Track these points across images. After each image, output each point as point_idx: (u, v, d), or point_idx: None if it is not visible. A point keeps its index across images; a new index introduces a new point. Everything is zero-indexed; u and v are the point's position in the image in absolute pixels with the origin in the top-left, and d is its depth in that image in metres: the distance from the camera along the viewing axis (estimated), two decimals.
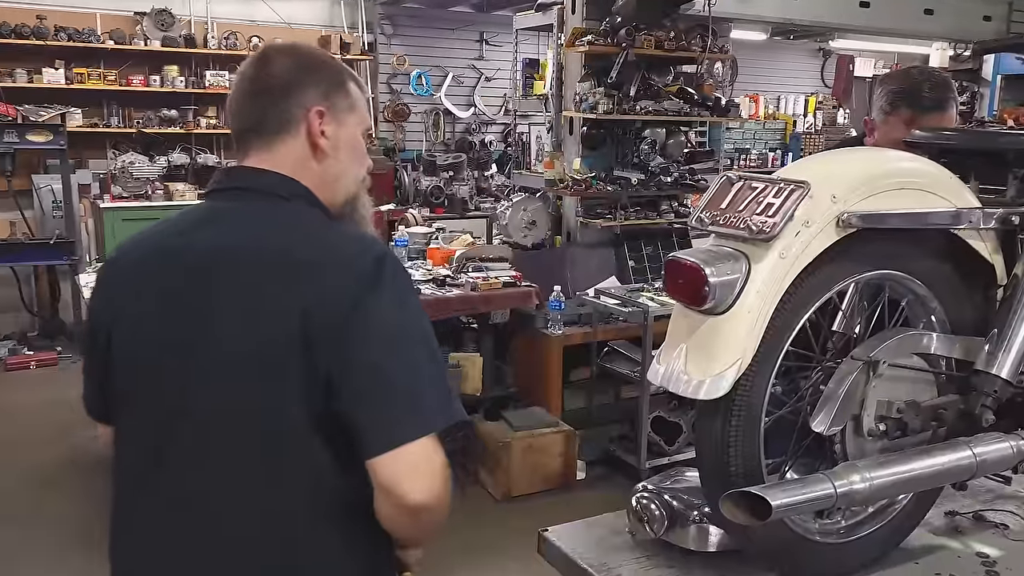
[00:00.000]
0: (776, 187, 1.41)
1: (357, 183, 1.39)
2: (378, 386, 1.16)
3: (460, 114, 8.53)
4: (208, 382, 1.21)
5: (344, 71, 1.37)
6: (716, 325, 1.39)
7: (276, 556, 1.22)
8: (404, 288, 1.23)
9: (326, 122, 1.30)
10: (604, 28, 4.70)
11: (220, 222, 1.28)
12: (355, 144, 1.36)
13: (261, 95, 1.30)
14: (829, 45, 9.67)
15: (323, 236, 1.26)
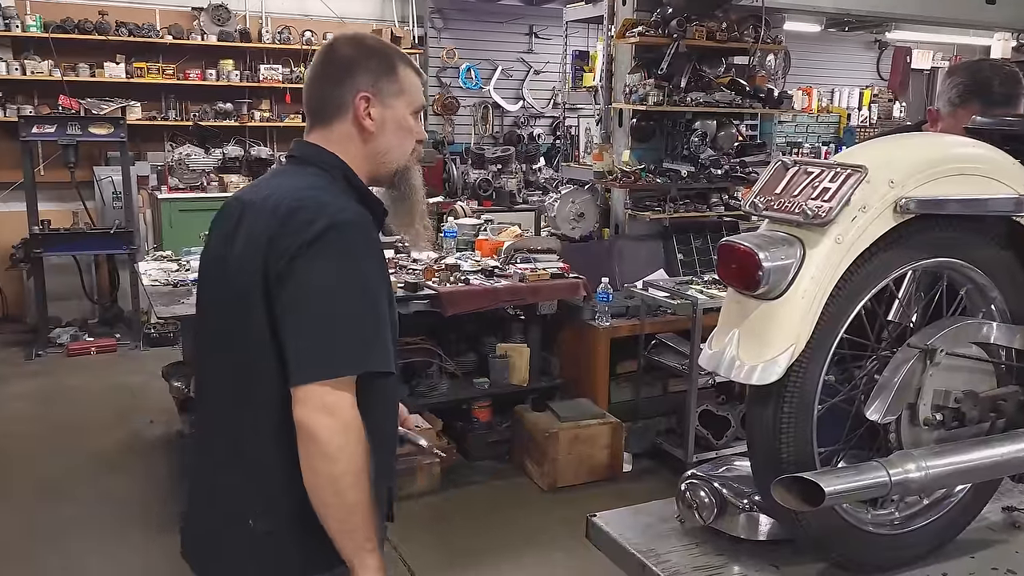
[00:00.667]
0: (832, 171, 1.39)
1: (405, 157, 1.56)
2: (298, 331, 1.36)
3: (509, 107, 8.55)
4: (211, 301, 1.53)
5: (395, 58, 1.53)
6: (769, 310, 1.38)
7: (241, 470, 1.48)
8: (339, 254, 1.38)
9: (372, 105, 1.49)
10: (655, 19, 4.66)
11: (265, 181, 1.57)
12: (401, 124, 1.53)
13: (321, 82, 1.52)
14: (885, 37, 9.45)
15: (308, 199, 1.42)
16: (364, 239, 1.43)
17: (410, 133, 1.55)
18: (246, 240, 1.43)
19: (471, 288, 3.98)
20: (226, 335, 1.47)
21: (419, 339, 4.12)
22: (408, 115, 1.54)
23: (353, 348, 1.36)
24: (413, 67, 1.56)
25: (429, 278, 4.05)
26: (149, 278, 4.02)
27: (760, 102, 4.87)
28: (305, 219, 1.37)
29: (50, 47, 6.50)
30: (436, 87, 8.28)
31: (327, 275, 1.36)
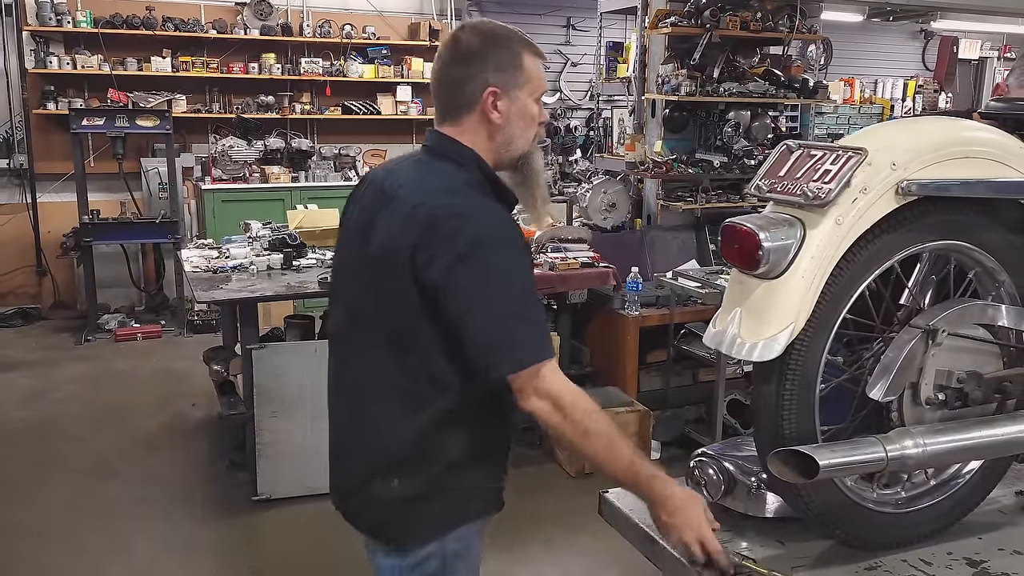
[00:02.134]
0: (834, 154, 1.43)
1: (528, 143, 1.63)
2: (477, 333, 1.47)
3: (545, 99, 8.54)
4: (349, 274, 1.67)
5: (518, 46, 1.59)
6: (770, 289, 1.42)
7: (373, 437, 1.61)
8: (496, 258, 1.48)
9: (499, 98, 1.56)
10: (688, 9, 4.66)
11: (402, 167, 1.66)
12: (525, 113, 1.60)
13: (450, 76, 1.59)
14: (931, 26, 9.27)
15: (449, 207, 1.50)
16: (510, 238, 1.52)
17: (533, 120, 1.62)
18: (388, 235, 1.53)
19: None
20: (362, 314, 1.61)
21: None
22: (531, 103, 1.60)
23: (534, 338, 1.48)
24: (537, 52, 1.62)
25: None
26: (190, 264, 4.16)
27: (795, 92, 4.84)
28: (451, 229, 1.47)
29: (99, 42, 6.72)
30: None
31: (488, 279, 1.46)
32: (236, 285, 3.84)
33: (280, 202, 6.70)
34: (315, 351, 3.82)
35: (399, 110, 7.86)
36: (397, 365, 1.55)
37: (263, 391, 3.72)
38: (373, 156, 8.04)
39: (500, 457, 1.70)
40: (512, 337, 1.47)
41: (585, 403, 1.49)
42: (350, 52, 7.62)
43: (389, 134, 8.04)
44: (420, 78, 7.84)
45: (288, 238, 4.36)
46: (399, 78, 7.78)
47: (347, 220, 1.70)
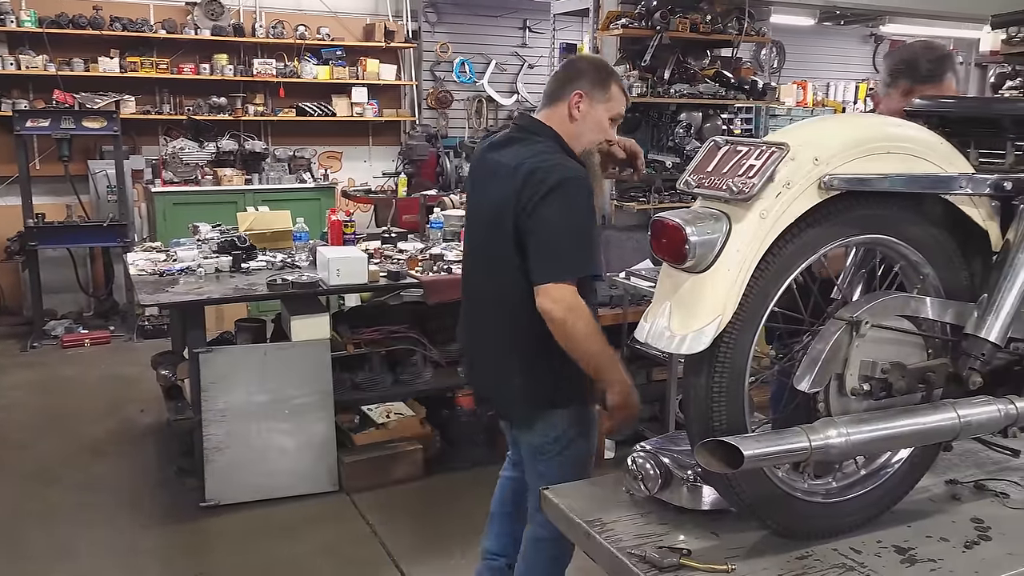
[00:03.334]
0: (758, 150, 1.45)
1: (592, 144, 2.22)
2: (537, 250, 2.11)
3: (503, 101, 8.60)
4: (474, 230, 2.39)
5: (611, 77, 2.24)
6: (697, 282, 1.44)
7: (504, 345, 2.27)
8: (567, 199, 2.08)
9: (582, 101, 2.19)
10: (639, 11, 4.71)
11: (506, 146, 2.24)
12: (598, 122, 2.21)
13: (559, 77, 2.27)
14: (880, 30, 9.46)
15: (542, 162, 2.11)
16: (581, 187, 2.10)
17: (603, 132, 2.22)
18: (499, 193, 2.14)
19: (454, 276, 4.03)
20: (484, 260, 2.29)
21: (403, 328, 4.18)
22: (605, 118, 2.21)
23: (574, 260, 2.10)
24: (622, 88, 2.25)
25: (412, 267, 4.11)
26: (136, 267, 4.08)
27: (744, 94, 4.91)
28: (541, 178, 2.08)
29: (44, 42, 6.58)
30: (430, 81, 8.34)
31: (558, 213, 2.06)
32: (183, 288, 3.78)
33: (233, 204, 6.61)
34: (264, 355, 3.79)
35: (354, 112, 7.81)
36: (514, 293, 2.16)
37: (211, 395, 3.67)
38: (328, 158, 8.00)
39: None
40: (553, 257, 2.08)
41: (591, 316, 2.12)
42: (304, 53, 7.56)
43: (345, 136, 7.99)
44: (375, 79, 7.80)
45: (237, 240, 4.31)
46: (354, 79, 7.74)
47: (471, 194, 2.39)
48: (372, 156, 8.16)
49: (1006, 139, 1.69)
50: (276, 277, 3.87)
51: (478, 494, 3.90)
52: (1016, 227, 1.61)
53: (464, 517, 3.70)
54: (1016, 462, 1.98)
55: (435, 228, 4.80)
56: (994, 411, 1.55)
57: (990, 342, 1.56)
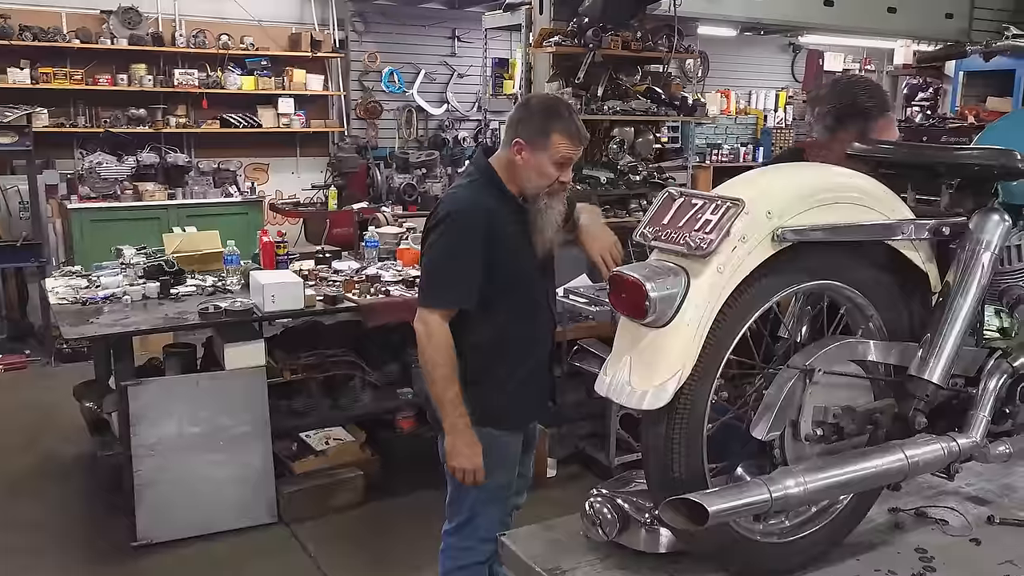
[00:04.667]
0: (713, 204, 1.46)
1: (540, 189, 2.28)
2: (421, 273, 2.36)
3: (433, 111, 8.54)
4: None
5: (552, 125, 2.24)
6: (657, 337, 1.44)
7: None
8: (448, 231, 2.25)
9: (523, 150, 2.26)
10: (571, 28, 4.73)
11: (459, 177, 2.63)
12: (540, 169, 2.26)
13: (508, 122, 2.37)
14: (799, 40, 9.77)
15: (449, 195, 2.39)
16: (467, 221, 2.24)
17: (547, 177, 2.26)
18: None
19: (392, 300, 3.99)
20: None
21: (341, 352, 4.10)
22: (548, 165, 2.25)
23: (440, 291, 2.26)
24: (568, 133, 2.25)
25: (349, 290, 4.04)
26: (56, 296, 3.89)
27: (675, 110, 4.99)
28: (437, 208, 2.31)
29: None
30: (358, 91, 8.22)
31: (438, 243, 2.25)
32: (108, 318, 3.62)
33: (156, 221, 6.40)
34: (197, 385, 3.66)
35: (281, 123, 7.65)
36: None
37: (141, 429, 3.53)
38: (255, 170, 7.81)
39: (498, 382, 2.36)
40: (427, 285, 2.28)
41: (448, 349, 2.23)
42: (227, 63, 7.36)
43: (271, 147, 7.81)
44: (302, 90, 7.65)
45: (165, 265, 4.16)
46: (280, 90, 7.58)
47: None
48: (300, 168, 8.00)
49: (941, 183, 1.75)
50: (208, 304, 3.75)
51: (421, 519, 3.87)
52: (955, 270, 1.67)
53: (408, 544, 3.66)
54: (951, 485, 2.05)
55: (370, 247, 4.73)
56: (938, 450, 1.60)
57: (933, 383, 1.61)
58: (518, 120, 2.29)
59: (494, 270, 2.26)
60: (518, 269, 2.32)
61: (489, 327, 2.31)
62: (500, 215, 2.27)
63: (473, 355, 2.29)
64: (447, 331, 2.23)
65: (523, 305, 2.36)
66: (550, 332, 2.53)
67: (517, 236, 2.32)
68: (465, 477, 2.29)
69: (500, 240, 2.25)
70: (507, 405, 2.38)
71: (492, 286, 2.27)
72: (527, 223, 2.32)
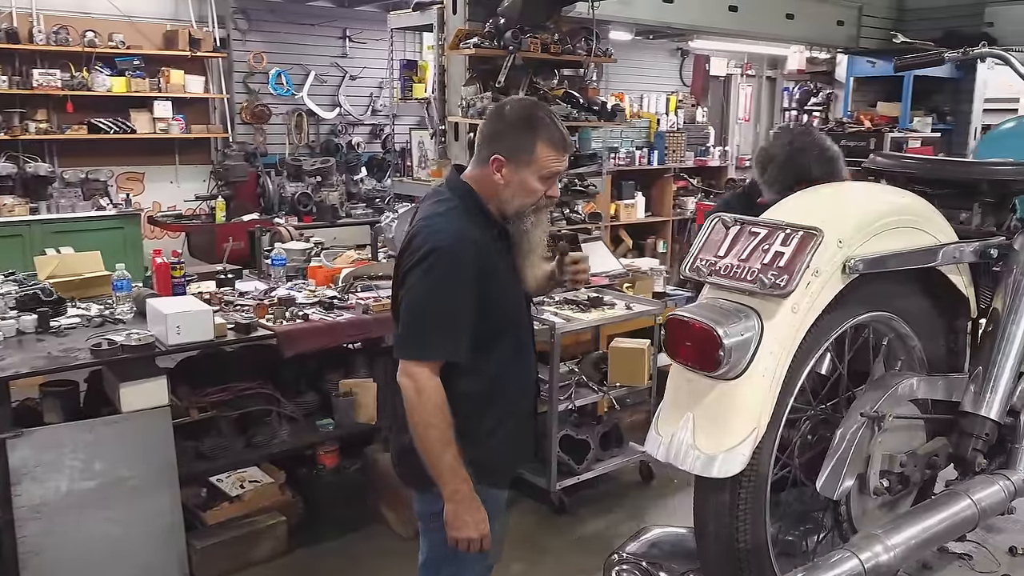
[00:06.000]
0: (782, 233, 1.27)
1: (523, 207, 1.98)
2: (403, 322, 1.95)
3: (324, 115, 8.09)
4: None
5: (536, 135, 1.94)
6: (727, 391, 1.24)
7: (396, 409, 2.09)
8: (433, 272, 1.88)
9: (504, 166, 1.94)
10: (488, 30, 4.50)
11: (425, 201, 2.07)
12: (525, 186, 1.96)
13: (483, 132, 2.00)
14: (687, 45, 9.92)
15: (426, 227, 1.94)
16: (454, 259, 1.89)
17: (534, 193, 1.97)
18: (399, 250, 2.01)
19: (311, 325, 3.62)
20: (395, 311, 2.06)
21: (255, 384, 3.70)
22: (534, 180, 1.95)
23: (429, 342, 1.90)
24: (552, 142, 1.95)
25: (262, 316, 3.64)
26: None
27: (595, 115, 4.85)
28: (417, 244, 1.91)
29: None
30: (244, 94, 7.68)
31: (422, 286, 1.90)
32: None
33: (19, 239, 5.71)
34: (90, 432, 3.18)
35: (158, 128, 7.02)
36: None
37: (24, 489, 3.02)
38: (129, 180, 7.15)
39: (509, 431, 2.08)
40: (413, 334, 1.92)
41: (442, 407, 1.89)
42: (95, 62, 6.67)
43: (147, 155, 7.17)
44: (181, 92, 7.06)
45: (41, 293, 3.62)
46: (156, 92, 6.95)
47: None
48: (180, 177, 7.38)
49: (975, 200, 1.64)
50: (99, 339, 3.27)
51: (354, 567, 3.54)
52: (1003, 294, 1.55)
53: None
54: None
55: (277, 265, 4.32)
56: (999, 491, 1.48)
57: (991, 420, 1.48)
58: (493, 133, 1.96)
59: (484, 311, 1.94)
60: (508, 307, 2.02)
61: (477, 374, 1.98)
62: (488, 246, 1.95)
63: (461, 405, 1.96)
64: (439, 386, 1.89)
65: (513, 347, 2.05)
66: (536, 372, 2.25)
67: (506, 270, 2.03)
68: (471, 547, 1.95)
69: (491, 276, 1.93)
70: (499, 458, 2.09)
71: (481, 328, 1.94)
72: (512, 251, 2.02)
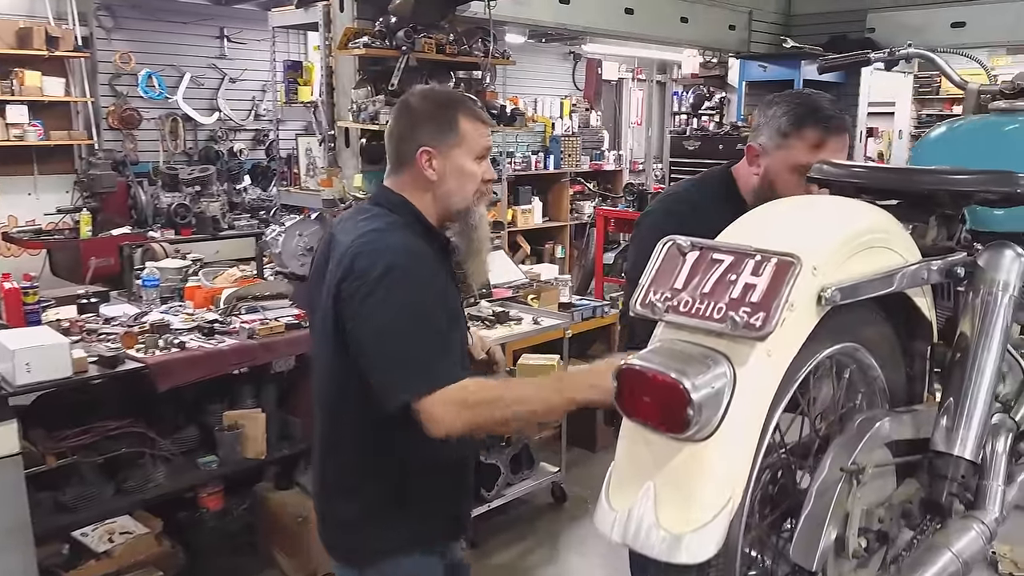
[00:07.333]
0: (751, 261, 1.06)
1: (467, 200, 1.75)
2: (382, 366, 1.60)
3: (202, 120, 7.56)
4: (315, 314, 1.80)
5: (456, 110, 1.73)
6: (697, 455, 1.02)
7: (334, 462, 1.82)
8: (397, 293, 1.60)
9: (433, 158, 1.71)
10: (379, 29, 4.21)
11: (352, 222, 1.76)
12: (462, 171, 1.73)
13: (394, 135, 1.77)
14: (580, 49, 9.87)
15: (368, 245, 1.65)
16: (415, 270, 1.64)
17: (472, 177, 1.73)
18: (329, 279, 1.69)
19: (188, 354, 3.24)
20: (319, 355, 1.78)
21: (125, 423, 3.28)
22: (469, 162, 1.73)
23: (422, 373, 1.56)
24: (475, 115, 1.75)
25: (131, 345, 3.24)
26: None
27: (496, 119, 4.63)
28: (364, 267, 1.61)
29: None
30: (110, 97, 7.07)
31: (385, 313, 1.59)
32: None
33: None
34: None
35: (12, 134, 6.37)
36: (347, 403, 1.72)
37: None
38: None
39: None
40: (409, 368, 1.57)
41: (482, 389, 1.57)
42: None
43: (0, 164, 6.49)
44: (38, 95, 6.43)
45: None
46: (9, 95, 6.30)
47: (312, 275, 1.85)
48: (40, 188, 6.71)
49: (930, 212, 1.49)
50: None
51: None
52: (970, 317, 1.40)
53: None
54: None
55: (149, 287, 3.89)
56: (977, 539, 1.32)
57: (965, 460, 1.33)
58: (408, 127, 1.72)
59: None
60: (458, 335, 1.76)
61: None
62: (436, 264, 1.72)
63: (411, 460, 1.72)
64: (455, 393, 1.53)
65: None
66: None
67: (454, 291, 1.80)
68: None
69: (443, 298, 1.70)
70: (458, 514, 1.89)
71: None
72: (453, 268, 1.81)
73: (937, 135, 1.87)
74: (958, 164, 1.63)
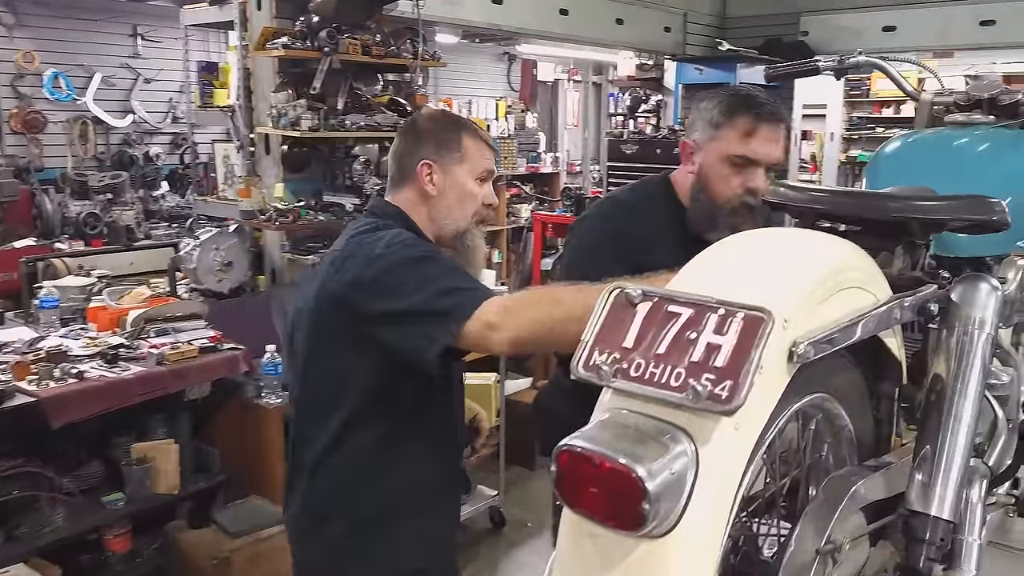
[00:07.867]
0: (715, 315, 0.89)
1: (465, 221, 1.73)
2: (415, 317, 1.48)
3: (115, 123, 7.12)
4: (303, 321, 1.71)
5: (459, 130, 1.74)
6: (655, 554, 0.85)
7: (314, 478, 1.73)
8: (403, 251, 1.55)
9: (434, 172, 1.71)
10: (300, 29, 3.95)
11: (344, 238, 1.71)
12: (462, 189, 1.71)
13: (398, 150, 1.78)
14: (514, 50, 9.71)
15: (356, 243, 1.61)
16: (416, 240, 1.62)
17: (473, 198, 1.72)
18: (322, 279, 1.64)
19: (87, 385, 2.95)
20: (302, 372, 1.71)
21: (17, 462, 2.97)
22: (470, 181, 1.71)
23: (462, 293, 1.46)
24: (480, 136, 1.75)
25: (23, 376, 2.94)
26: None
27: None
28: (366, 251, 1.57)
29: None
30: (12, 99, 6.61)
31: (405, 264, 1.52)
32: None
33: None
34: None
35: None
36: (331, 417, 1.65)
37: None
38: None
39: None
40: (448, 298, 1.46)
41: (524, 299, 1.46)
42: None
43: None
44: None
45: None
46: None
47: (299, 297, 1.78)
48: None
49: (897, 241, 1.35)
50: None
51: None
52: (943, 358, 1.26)
53: None
54: None
55: (48, 307, 3.57)
56: None
57: (943, 520, 1.19)
58: (413, 142, 1.73)
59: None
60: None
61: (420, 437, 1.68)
62: None
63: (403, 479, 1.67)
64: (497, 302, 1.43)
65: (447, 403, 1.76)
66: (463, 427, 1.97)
67: None
68: None
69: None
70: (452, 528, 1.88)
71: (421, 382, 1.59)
72: None
73: (893, 150, 1.75)
74: (916, 182, 1.51)
